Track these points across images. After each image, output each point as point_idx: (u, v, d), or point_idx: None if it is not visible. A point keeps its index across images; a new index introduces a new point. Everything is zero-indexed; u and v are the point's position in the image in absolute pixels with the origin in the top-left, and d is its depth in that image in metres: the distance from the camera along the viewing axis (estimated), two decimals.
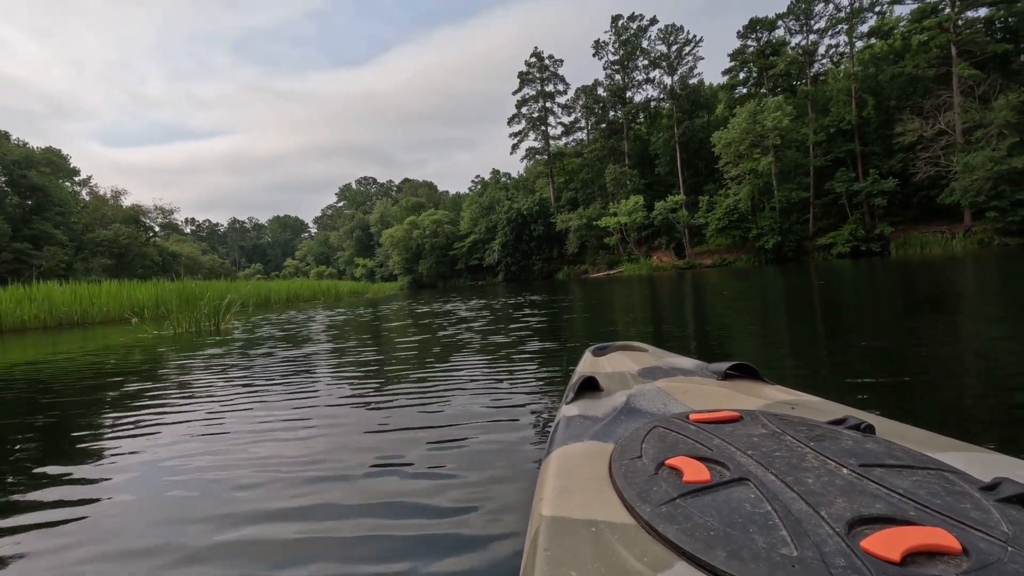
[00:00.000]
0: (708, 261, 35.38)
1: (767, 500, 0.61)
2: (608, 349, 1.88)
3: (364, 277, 62.33)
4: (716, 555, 0.52)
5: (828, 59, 35.87)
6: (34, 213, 34.87)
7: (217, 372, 3.42)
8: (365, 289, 29.80)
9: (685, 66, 41.33)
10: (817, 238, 32.34)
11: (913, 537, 0.50)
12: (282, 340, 5.15)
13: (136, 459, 1.71)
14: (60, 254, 33.57)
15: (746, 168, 32.20)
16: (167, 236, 55.16)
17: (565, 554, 0.58)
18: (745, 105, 32.48)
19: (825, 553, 0.50)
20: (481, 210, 50.91)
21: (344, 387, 2.66)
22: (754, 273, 16.35)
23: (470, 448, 1.55)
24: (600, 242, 41.52)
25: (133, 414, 2.35)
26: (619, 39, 43.76)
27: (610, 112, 45.56)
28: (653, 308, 6.46)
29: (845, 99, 32.86)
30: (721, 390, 1.21)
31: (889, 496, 0.59)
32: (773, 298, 6.63)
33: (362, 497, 1.23)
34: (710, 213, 35.45)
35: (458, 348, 3.82)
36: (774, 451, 0.74)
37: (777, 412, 0.97)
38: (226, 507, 1.24)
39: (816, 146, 32.98)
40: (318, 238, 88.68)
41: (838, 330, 3.60)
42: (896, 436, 0.82)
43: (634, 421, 1.02)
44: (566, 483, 0.77)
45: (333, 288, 22.93)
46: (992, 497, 0.58)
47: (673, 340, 3.52)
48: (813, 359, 2.61)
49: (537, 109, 49.79)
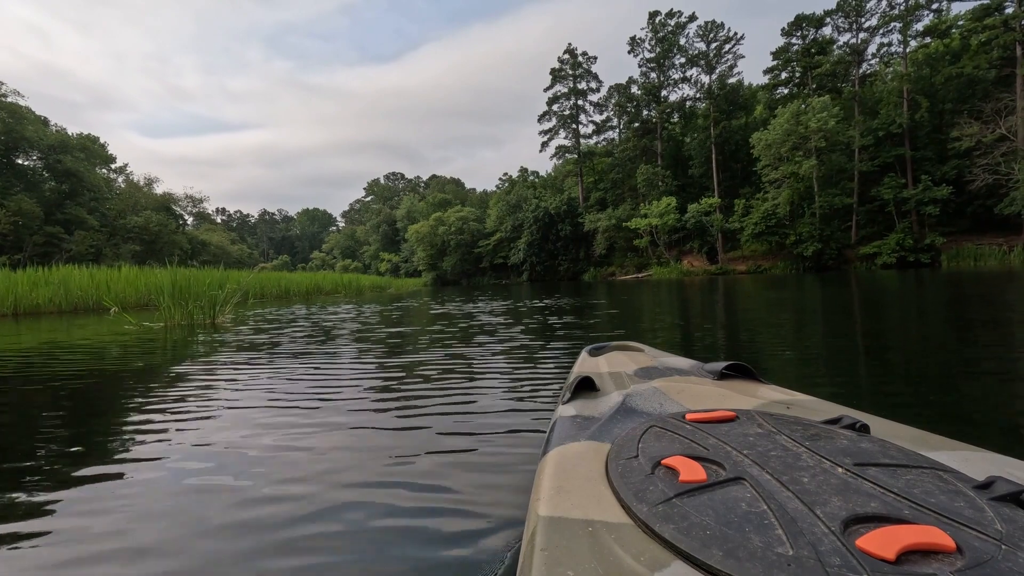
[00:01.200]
0: (742, 267, 34.01)
1: (763, 499, 0.61)
2: (605, 349, 1.90)
3: (389, 272, 62.44)
4: (712, 554, 0.53)
5: (878, 59, 34.02)
6: (68, 198, 35.43)
7: (184, 375, 2.79)
8: (388, 284, 29.42)
9: (724, 64, 39.88)
10: (860, 247, 30.72)
11: (908, 536, 0.51)
12: (279, 338, 4.52)
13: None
14: (90, 239, 34.00)
15: (787, 171, 30.74)
16: (198, 225, 56.01)
17: (562, 553, 0.58)
18: (788, 105, 31.03)
19: (821, 552, 0.50)
20: (508, 208, 50.23)
21: (341, 387, 2.50)
22: (791, 281, 15.48)
23: (467, 448, 1.52)
24: (629, 244, 40.42)
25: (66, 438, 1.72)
26: (656, 36, 42.53)
27: (643, 111, 44.38)
28: (685, 314, 5.98)
29: (896, 101, 31.13)
30: (717, 390, 1.20)
31: (884, 495, 0.60)
32: (815, 307, 6.06)
33: (359, 497, 1.19)
34: (746, 217, 34.04)
35: (460, 348, 3.67)
36: (770, 450, 0.75)
37: (773, 412, 0.98)
38: (219, 507, 1.19)
39: (862, 150, 31.34)
40: (345, 232, 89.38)
41: (882, 348, 3.19)
42: (891, 435, 0.83)
43: (630, 421, 1.02)
44: (563, 483, 0.77)
45: (355, 282, 22.49)
46: (986, 496, 0.58)
47: (708, 349, 3.32)
48: (851, 378, 2.36)
49: (569, 107, 48.88)
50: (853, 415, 0.92)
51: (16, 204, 30.99)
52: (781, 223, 32.36)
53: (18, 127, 32.59)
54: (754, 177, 36.17)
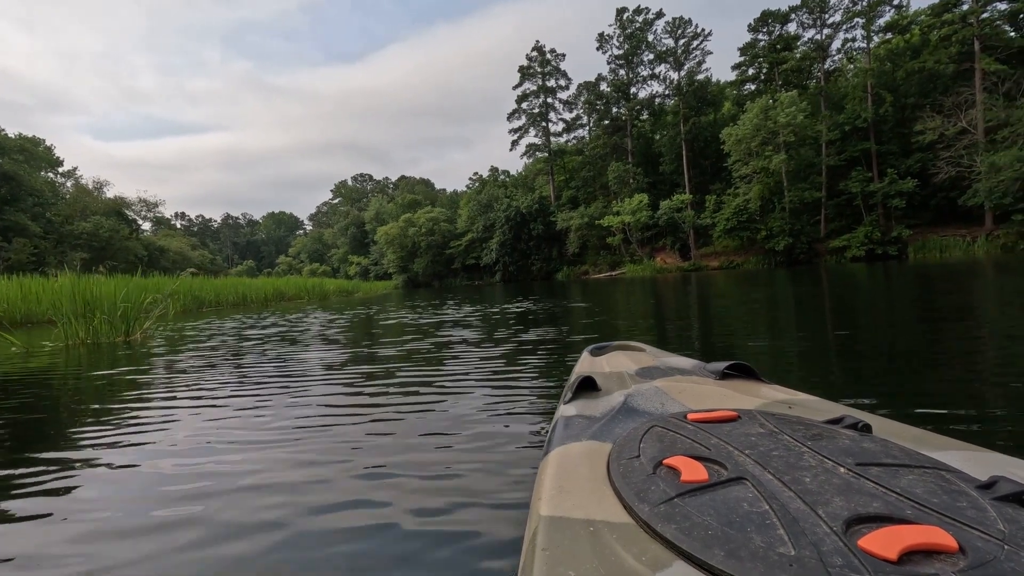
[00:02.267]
0: (715, 263, 33.98)
1: (765, 499, 0.61)
2: (606, 349, 1.89)
3: (358, 275, 60.85)
4: (714, 554, 0.53)
5: (843, 54, 34.45)
6: (6, 203, 32.96)
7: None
8: (356, 288, 28.13)
9: (693, 61, 39.85)
10: (829, 240, 30.98)
11: (910, 536, 0.51)
12: (206, 351, 3.67)
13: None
14: (30, 246, 31.63)
15: (757, 166, 30.77)
16: (156, 231, 53.52)
17: (563, 553, 0.59)
18: (757, 100, 31.07)
19: (823, 552, 0.50)
20: (479, 208, 49.37)
21: (334, 383, 2.51)
22: (763, 276, 15.24)
23: (467, 448, 1.50)
24: (602, 242, 40.08)
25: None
26: (624, 32, 42.32)
27: (613, 108, 44.14)
28: (659, 312, 5.75)
29: (861, 96, 31.47)
30: (719, 390, 1.19)
31: (886, 495, 0.60)
32: (793, 303, 5.94)
33: (358, 497, 1.18)
34: (717, 213, 34.04)
35: (450, 347, 3.64)
36: (771, 450, 0.75)
37: (774, 411, 0.98)
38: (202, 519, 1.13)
39: (829, 144, 31.61)
40: (312, 235, 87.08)
41: (852, 338, 3.21)
42: (893, 435, 0.83)
43: (632, 421, 1.01)
44: (564, 483, 0.77)
45: (318, 286, 21.27)
46: (989, 496, 0.58)
47: (682, 345, 3.28)
48: (823, 369, 2.36)
49: (538, 105, 48.33)
50: (855, 415, 0.91)
51: None
52: (752, 218, 32.42)
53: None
54: (724, 173, 36.27)
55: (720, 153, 35.60)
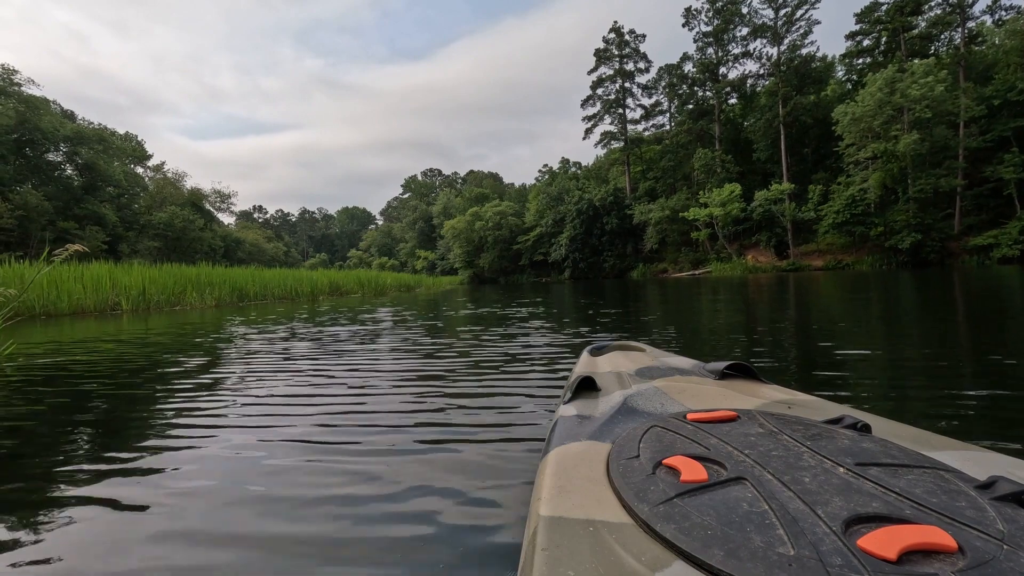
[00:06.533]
0: (818, 262, 29.59)
1: (764, 499, 0.61)
2: (606, 349, 1.86)
3: (425, 270, 60.19)
4: (714, 554, 0.53)
5: (988, 14, 28.87)
6: (86, 192, 34.09)
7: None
8: (418, 283, 26.44)
9: (796, 32, 35.04)
10: (968, 238, 25.88)
11: (909, 536, 0.51)
12: None
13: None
14: (103, 234, 32.44)
15: (879, 149, 26.15)
16: (236, 224, 55.15)
17: (563, 553, 0.58)
18: (880, 72, 26.41)
19: (822, 552, 0.50)
20: (548, 201, 46.91)
21: (337, 384, 2.35)
22: (889, 279, 11.95)
23: (467, 447, 1.47)
24: (683, 238, 36.45)
25: None
26: (714, 6, 38.24)
27: (698, 91, 40.17)
28: (780, 328, 3.83)
29: (1017, 62, 25.98)
30: (718, 390, 1.19)
31: (885, 495, 0.60)
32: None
33: (358, 497, 1.16)
34: (824, 205, 29.54)
35: (451, 347, 3.40)
36: (771, 450, 0.74)
37: (774, 411, 0.98)
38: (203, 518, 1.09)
39: (970, 123, 26.42)
40: (382, 229, 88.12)
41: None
42: (892, 435, 0.83)
43: (631, 421, 1.01)
44: (564, 483, 0.77)
45: (375, 280, 19.64)
46: (988, 496, 0.58)
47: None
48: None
49: (614, 90, 45.12)
50: (855, 415, 0.90)
51: (22, 198, 29.53)
52: (867, 211, 27.79)
53: (33, 118, 31.16)
54: (828, 161, 31.66)
55: (823, 138, 30.99)
